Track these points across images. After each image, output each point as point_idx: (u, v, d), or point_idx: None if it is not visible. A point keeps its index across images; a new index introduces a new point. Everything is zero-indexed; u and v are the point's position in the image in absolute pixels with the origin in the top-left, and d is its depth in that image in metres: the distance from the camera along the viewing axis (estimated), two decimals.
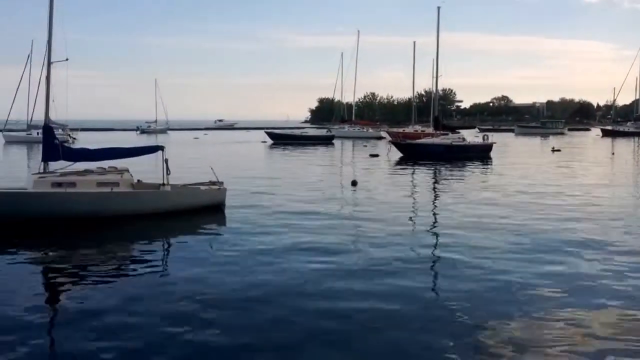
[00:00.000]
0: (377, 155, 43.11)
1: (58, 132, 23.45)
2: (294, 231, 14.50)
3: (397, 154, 42.30)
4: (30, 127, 58.09)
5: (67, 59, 17.65)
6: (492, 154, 43.12)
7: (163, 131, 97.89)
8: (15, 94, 61.00)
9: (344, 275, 10.46)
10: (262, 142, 64.81)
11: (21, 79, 60.60)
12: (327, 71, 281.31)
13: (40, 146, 17.35)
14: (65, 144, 18.40)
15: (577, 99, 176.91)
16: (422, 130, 65.51)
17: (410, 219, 16.93)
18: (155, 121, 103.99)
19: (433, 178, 29.23)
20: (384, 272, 10.74)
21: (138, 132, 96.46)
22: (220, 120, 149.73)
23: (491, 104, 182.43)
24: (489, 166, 36.10)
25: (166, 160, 16.80)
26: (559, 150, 50.13)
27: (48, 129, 17.21)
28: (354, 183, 24.29)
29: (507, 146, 58.68)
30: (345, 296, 9.32)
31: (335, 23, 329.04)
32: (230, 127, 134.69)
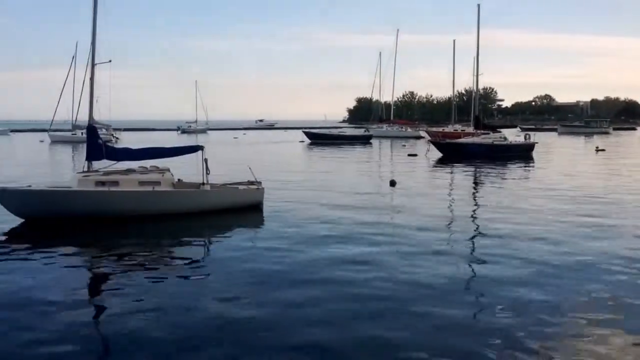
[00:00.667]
0: (415, 155, 42.76)
1: (102, 132, 23.93)
2: (331, 230, 14.49)
3: (436, 154, 41.87)
4: (74, 127, 59.31)
5: (110, 61, 18.04)
6: (534, 153, 42.31)
7: (203, 131, 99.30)
8: (61, 95, 62.85)
9: (385, 280, 10.33)
10: (300, 141, 65.03)
11: (66, 80, 62.30)
12: (365, 71, 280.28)
13: (85, 146, 17.74)
14: (109, 144, 18.78)
15: (622, 97, 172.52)
16: (462, 130, 64.70)
17: (450, 222, 16.47)
18: (196, 121, 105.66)
19: (474, 178, 28.81)
20: (420, 278, 10.59)
21: (179, 132, 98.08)
22: (260, 121, 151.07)
23: (533, 103, 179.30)
24: (531, 166, 35.43)
25: (206, 160, 17.00)
26: (603, 150, 48.91)
27: (92, 129, 17.60)
28: (392, 183, 24.11)
29: (550, 146, 57.54)
30: (387, 298, 9.26)
31: (373, 22, 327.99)
32: (270, 127, 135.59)
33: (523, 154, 41.61)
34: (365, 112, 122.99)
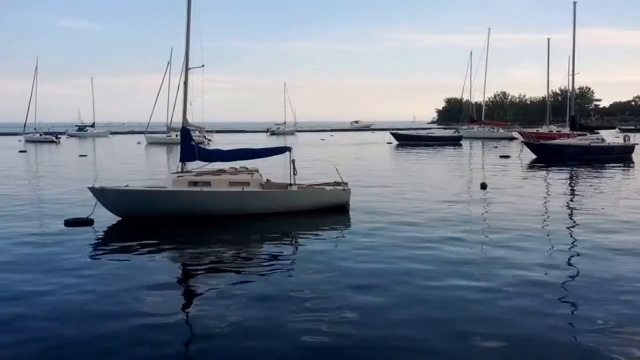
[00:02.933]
0: (508, 157, 41.44)
1: (194, 134, 24.71)
2: (419, 232, 14.26)
3: (529, 156, 40.40)
4: (169, 129, 62.03)
5: (203, 65, 18.62)
6: (635, 155, 39.92)
7: (291, 133, 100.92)
8: (156, 99, 65.95)
9: (477, 289, 10.02)
10: (388, 143, 64.63)
11: (161, 84, 65.32)
12: (455, 71, 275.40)
13: (179, 147, 18.39)
14: (201, 146, 19.36)
15: None
16: (557, 131, 62.11)
17: (544, 227, 15.63)
18: (284, 123, 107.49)
19: (570, 181, 27.46)
20: (511, 286, 10.17)
21: (268, 133, 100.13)
22: (356, 122, 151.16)
23: (633, 103, 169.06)
24: (631, 169, 33.41)
25: (293, 161, 17.22)
26: None
27: (186, 131, 18.22)
28: (483, 186, 23.41)
29: None
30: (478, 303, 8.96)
31: (464, 21, 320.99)
32: (366, 128, 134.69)
33: (622, 156, 39.50)
34: (455, 112, 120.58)
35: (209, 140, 60.01)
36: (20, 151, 54.42)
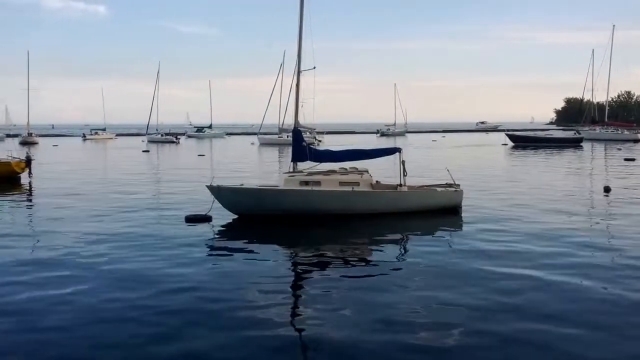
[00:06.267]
0: (633, 160, 38.81)
1: (305, 135, 25.23)
2: (538, 237, 13.59)
3: None
4: (281, 130, 63.58)
5: (314, 67, 18.94)
6: None
7: (401, 133, 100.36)
8: (269, 101, 67.90)
9: (598, 301, 9.44)
10: (503, 144, 62.53)
11: (274, 87, 67.22)
12: (575, 69, 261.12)
13: (290, 148, 18.79)
14: (312, 146, 19.70)
15: None
16: None
17: None
18: (394, 124, 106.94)
19: None
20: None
21: (378, 134, 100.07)
22: (482, 123, 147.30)
23: None
24: None
25: (403, 162, 17.10)
26: None
27: (297, 132, 18.62)
28: (606, 189, 22.04)
29: None
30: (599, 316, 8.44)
31: (585, 18, 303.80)
32: (494, 129, 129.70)
33: None
34: (575, 113, 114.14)
35: (319, 141, 60.92)
36: (144, 151, 58.06)
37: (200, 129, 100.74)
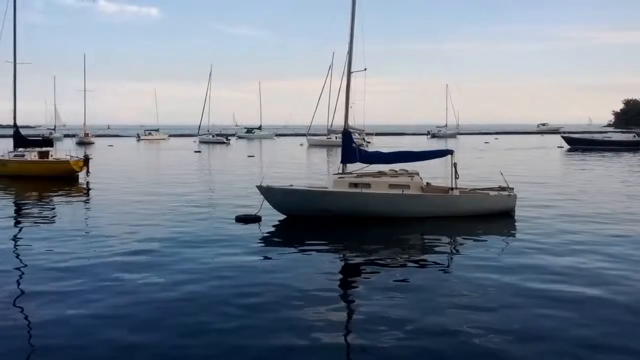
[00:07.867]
0: None
1: (355, 137, 25.09)
2: (588, 246, 13.01)
3: None
4: (330, 131, 63.59)
5: (365, 69, 18.75)
6: None
7: (453, 135, 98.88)
8: (318, 102, 68.05)
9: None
10: (559, 147, 60.82)
11: (323, 88, 67.32)
12: (635, 70, 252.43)
13: (339, 149, 18.69)
14: (361, 148, 19.56)
15: None
16: None
17: None
18: (446, 125, 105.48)
19: None
20: None
21: (428, 136, 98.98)
22: (543, 124, 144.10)
23: None
24: None
25: (455, 164, 16.77)
26: None
27: (347, 133, 18.49)
28: None
29: None
30: None
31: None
32: (555, 131, 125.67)
33: None
34: (634, 115, 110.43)
35: (368, 142, 60.66)
36: (196, 151, 59.16)
37: (250, 130, 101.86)
